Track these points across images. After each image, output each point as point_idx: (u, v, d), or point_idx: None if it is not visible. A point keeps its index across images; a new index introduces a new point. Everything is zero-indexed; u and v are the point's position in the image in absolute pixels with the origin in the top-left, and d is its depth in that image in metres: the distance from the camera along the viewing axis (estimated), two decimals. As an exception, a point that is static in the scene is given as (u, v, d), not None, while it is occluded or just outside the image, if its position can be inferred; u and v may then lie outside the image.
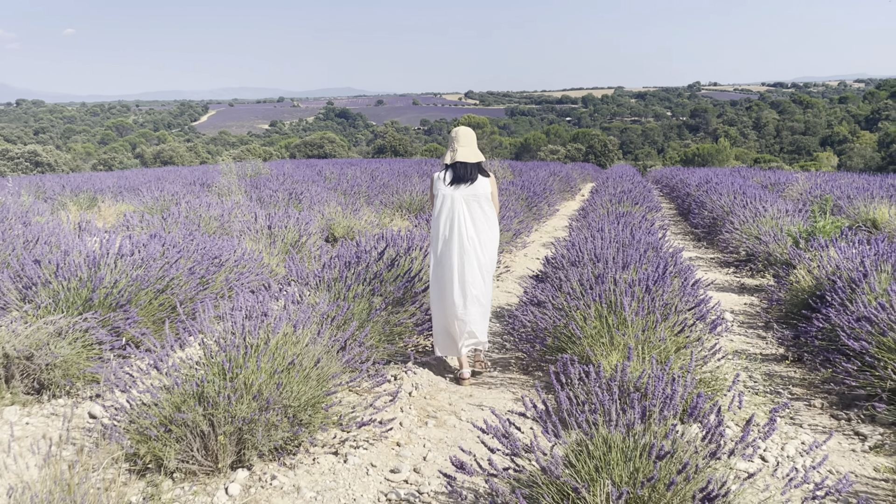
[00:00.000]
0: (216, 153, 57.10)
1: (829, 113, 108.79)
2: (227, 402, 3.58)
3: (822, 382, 4.95)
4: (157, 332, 5.31)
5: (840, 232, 7.36)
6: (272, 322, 4.09)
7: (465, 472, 2.88)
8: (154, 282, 5.59)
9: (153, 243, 6.30)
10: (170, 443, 3.54)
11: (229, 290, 6.43)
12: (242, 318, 4.14)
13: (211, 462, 3.59)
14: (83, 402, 4.52)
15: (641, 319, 4.37)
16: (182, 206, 10.14)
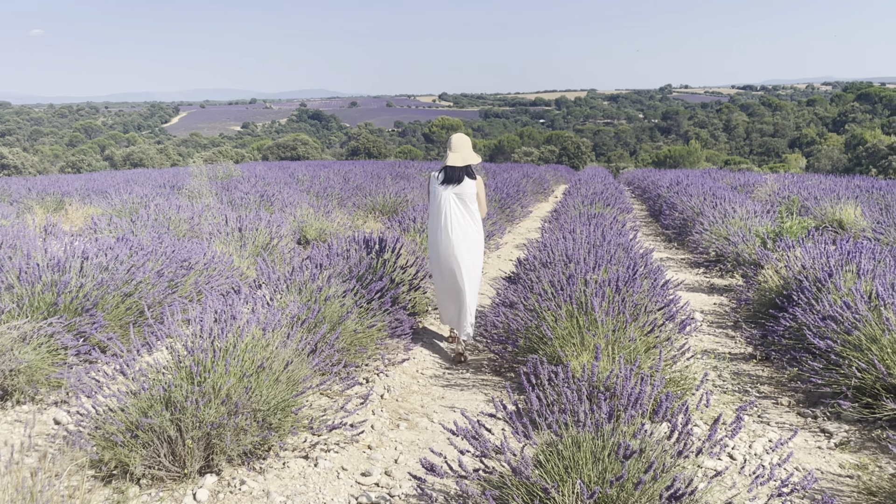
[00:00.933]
0: (187, 155, 56.53)
1: (797, 115, 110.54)
2: (195, 407, 3.53)
3: (789, 381, 5.02)
4: (124, 337, 5.23)
5: (807, 232, 7.47)
6: (241, 325, 4.05)
7: (436, 474, 2.88)
8: (121, 285, 5.51)
9: (120, 246, 6.21)
10: (136, 448, 3.48)
11: (198, 293, 6.36)
12: (211, 322, 4.09)
13: (178, 467, 3.54)
14: (48, 408, 4.44)
15: (611, 320, 4.40)
16: (151, 209, 10.01)
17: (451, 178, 5.63)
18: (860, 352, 4.35)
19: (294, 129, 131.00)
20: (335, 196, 14.09)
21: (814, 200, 12.16)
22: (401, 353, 5.40)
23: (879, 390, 4.15)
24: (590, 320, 4.49)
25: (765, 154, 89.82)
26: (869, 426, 4.22)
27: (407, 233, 8.19)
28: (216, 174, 20.13)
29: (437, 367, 5.50)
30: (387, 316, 5.35)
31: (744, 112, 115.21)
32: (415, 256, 6.85)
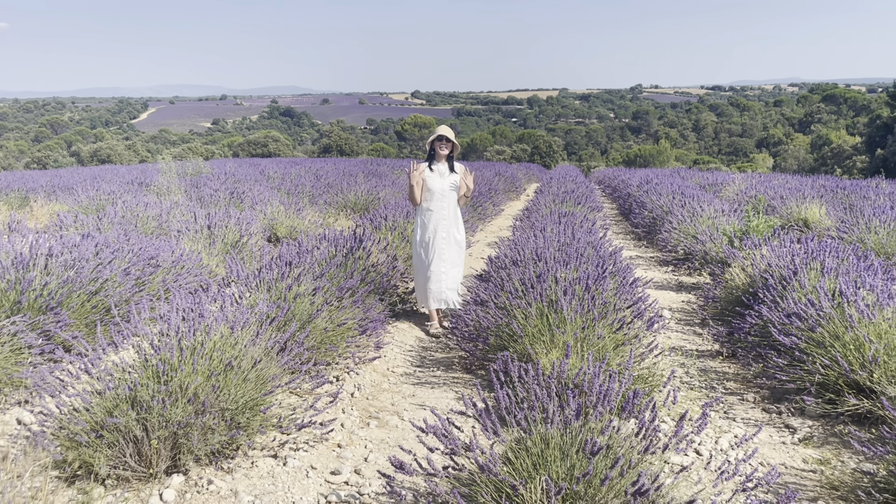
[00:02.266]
0: (156, 152, 55.82)
1: (764, 116, 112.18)
2: (162, 406, 3.49)
3: (755, 377, 5.10)
4: (89, 336, 5.15)
5: (773, 231, 7.59)
6: (209, 323, 4.01)
7: (405, 472, 2.88)
8: (87, 283, 5.43)
9: (86, 244, 6.12)
10: (101, 448, 3.44)
11: (166, 291, 6.29)
12: (178, 320, 4.04)
13: (144, 467, 3.50)
14: (10, 409, 4.36)
15: (581, 317, 4.43)
16: (119, 206, 9.87)
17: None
18: (823, 348, 4.43)
19: (265, 125, 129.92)
20: (306, 194, 14.01)
21: (780, 200, 12.36)
22: (371, 352, 5.38)
23: (842, 386, 4.23)
24: (559, 318, 4.52)
25: (733, 154, 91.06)
26: (832, 421, 4.30)
27: (378, 230, 8.17)
28: (185, 171, 19.91)
29: (407, 365, 5.50)
30: (358, 314, 5.34)
31: (712, 112, 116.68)
32: (386, 254, 6.84)
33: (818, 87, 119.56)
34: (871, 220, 9.08)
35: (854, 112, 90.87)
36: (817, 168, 55.44)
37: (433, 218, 6.34)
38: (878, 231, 8.73)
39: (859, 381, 4.15)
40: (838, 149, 59.80)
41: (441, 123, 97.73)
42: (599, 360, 4.03)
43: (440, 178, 6.38)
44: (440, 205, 6.36)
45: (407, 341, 6.09)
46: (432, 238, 6.34)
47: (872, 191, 14.05)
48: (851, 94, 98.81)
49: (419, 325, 6.57)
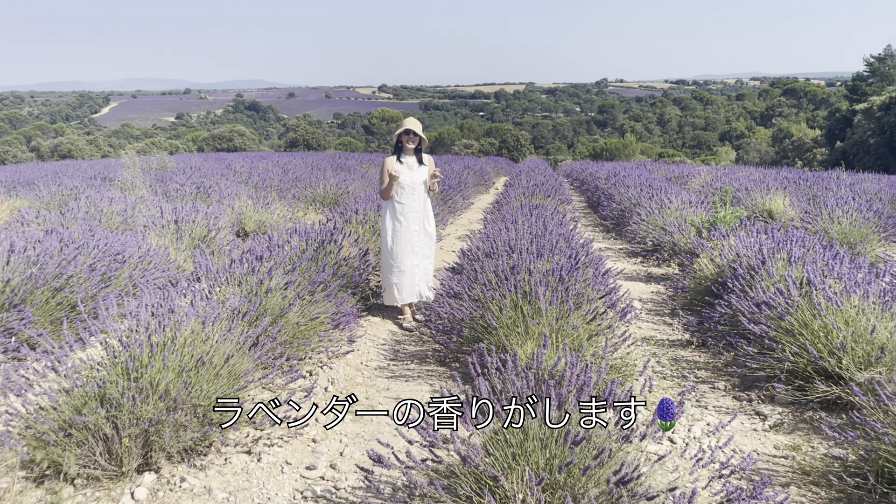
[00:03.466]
0: (119, 146, 54.88)
1: (727, 109, 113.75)
2: (132, 404, 3.42)
3: (725, 366, 5.16)
4: (55, 333, 5.03)
5: (739, 222, 7.69)
6: (179, 318, 3.94)
7: (383, 465, 2.85)
8: (51, 280, 5.31)
9: (50, 239, 5.98)
10: (70, 447, 3.36)
11: (134, 287, 6.17)
12: (147, 316, 3.96)
13: (115, 466, 3.42)
14: (-27, 409, 4.24)
15: (555, 308, 4.44)
16: (82, 201, 9.66)
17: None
18: (792, 336, 4.50)
19: (230, 120, 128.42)
20: (274, 188, 13.87)
21: (745, 191, 12.54)
22: (344, 346, 5.34)
23: (811, 373, 4.30)
24: (534, 309, 4.52)
25: (697, 147, 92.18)
26: (801, 408, 4.37)
27: (349, 224, 8.11)
28: (150, 166, 19.58)
29: (381, 359, 5.47)
30: (330, 308, 5.29)
31: (676, 106, 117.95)
32: (357, 248, 6.79)
33: (779, 82, 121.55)
34: (833, 211, 9.26)
35: (814, 105, 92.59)
36: (779, 160, 56.42)
37: (404, 211, 6.30)
38: (840, 221, 8.90)
39: (828, 368, 4.21)
40: (799, 141, 60.89)
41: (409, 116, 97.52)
42: (575, 351, 4.04)
43: (409, 171, 6.34)
44: (411, 197, 6.32)
45: (380, 335, 6.06)
46: (404, 231, 6.31)
47: (834, 182, 14.33)
48: (811, 88, 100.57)
49: (392, 318, 6.54)
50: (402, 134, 6.33)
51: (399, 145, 6.36)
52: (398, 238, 6.35)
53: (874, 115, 42.30)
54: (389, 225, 6.37)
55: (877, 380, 3.62)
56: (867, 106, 43.49)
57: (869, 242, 8.70)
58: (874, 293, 4.51)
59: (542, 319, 4.43)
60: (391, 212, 6.38)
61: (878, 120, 41.61)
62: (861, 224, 8.90)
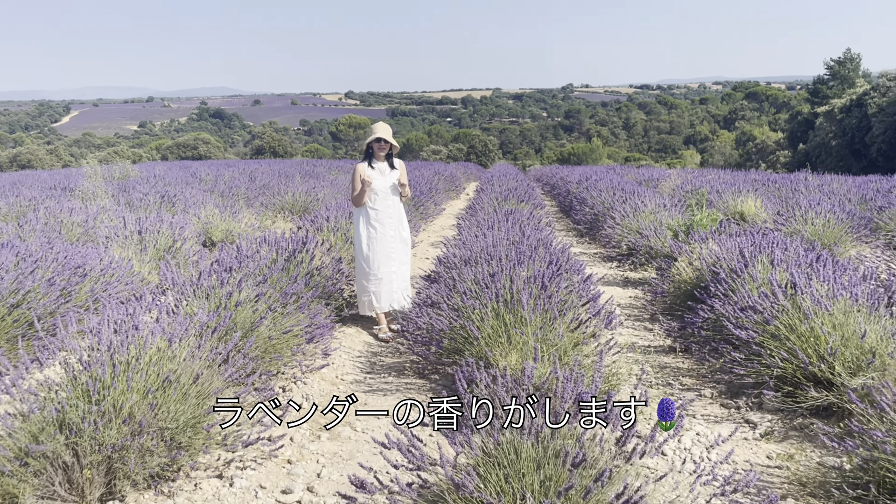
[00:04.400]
0: (80, 156, 53.84)
1: (691, 113, 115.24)
2: (94, 429, 3.19)
3: (710, 372, 5.06)
4: (11, 352, 4.75)
5: (718, 224, 7.63)
6: (144, 336, 3.71)
7: (366, 490, 2.67)
8: (7, 296, 5.03)
9: (5, 253, 5.69)
10: (27, 478, 3.12)
11: (95, 301, 5.90)
12: (110, 333, 3.73)
13: (76, 496, 3.19)
14: (-79, 436, 3.96)
15: (539, 317, 4.29)
16: (41, 212, 9.31)
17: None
18: (779, 341, 4.39)
19: (194, 127, 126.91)
20: (241, 196, 13.57)
21: (716, 194, 12.55)
22: (319, 359, 5.13)
23: (800, 379, 4.20)
24: (517, 318, 4.36)
25: (662, 151, 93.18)
26: (790, 415, 4.26)
27: (320, 231, 7.90)
28: (112, 175, 19.10)
29: (357, 372, 5.27)
30: (303, 320, 5.08)
31: (641, 110, 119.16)
32: (330, 256, 6.58)
33: (741, 86, 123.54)
34: (806, 212, 9.26)
35: (775, 109, 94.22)
36: (743, 163, 57.19)
37: (379, 217, 6.13)
38: (814, 223, 8.90)
39: (818, 374, 4.12)
40: (762, 144, 61.86)
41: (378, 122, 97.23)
42: (562, 362, 3.89)
43: (381, 176, 6.18)
44: (385, 203, 6.16)
45: (355, 347, 5.86)
46: (380, 238, 6.13)
47: (802, 184, 14.43)
48: (772, 92, 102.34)
49: (367, 329, 6.34)
50: (373, 142, 6.16)
51: (370, 151, 6.18)
52: (374, 245, 6.18)
53: (835, 117, 43.09)
54: (364, 232, 6.19)
55: (873, 385, 3.52)
56: (828, 108, 44.30)
57: (843, 243, 8.71)
58: (861, 295, 4.43)
59: (525, 329, 4.27)
60: (365, 218, 6.21)
61: (839, 122, 42.39)
62: (834, 225, 8.91)
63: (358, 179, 6.09)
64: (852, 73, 50.00)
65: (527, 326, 4.27)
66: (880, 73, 40.69)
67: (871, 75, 50.24)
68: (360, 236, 6.20)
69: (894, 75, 39.55)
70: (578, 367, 4.07)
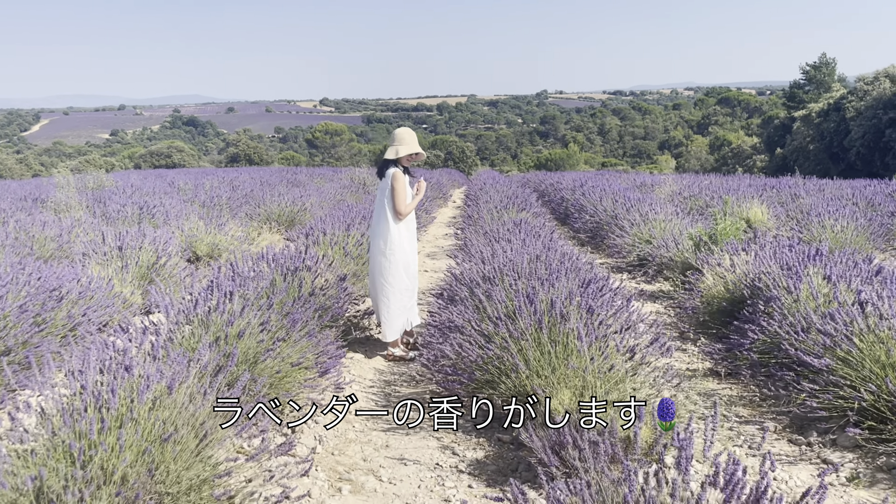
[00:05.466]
0: (51, 165, 52.64)
1: (665, 119, 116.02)
2: (79, 500, 2.61)
3: (763, 399, 4.58)
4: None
5: (741, 234, 7.18)
6: (138, 379, 3.13)
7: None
8: (-28, 326, 4.41)
9: (-30, 276, 5.06)
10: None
11: (73, 329, 5.28)
12: (95, 376, 3.15)
13: (58, 585, 2.60)
14: None
15: (592, 347, 3.76)
16: (11, 226, 8.63)
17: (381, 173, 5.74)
18: (852, 368, 3.92)
19: (168, 136, 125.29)
20: (224, 206, 12.92)
21: (719, 200, 12.15)
22: (330, 392, 4.55)
23: (886, 413, 3.71)
24: (564, 348, 3.84)
25: (637, 156, 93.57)
26: (870, 453, 3.78)
27: (317, 245, 7.32)
28: (86, 185, 18.31)
29: (371, 403, 4.71)
30: (311, 347, 4.51)
31: (616, 116, 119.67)
32: (333, 274, 6.02)
33: (713, 91, 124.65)
34: (823, 218, 8.86)
35: (747, 114, 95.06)
36: (719, 168, 57.38)
37: (411, 227, 5.78)
38: (833, 229, 8.50)
39: (905, 406, 3.64)
40: (738, 149, 62.18)
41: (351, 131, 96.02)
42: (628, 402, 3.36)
43: (410, 188, 5.76)
44: (412, 215, 5.81)
45: (365, 375, 5.29)
46: (411, 252, 5.74)
47: (802, 188, 14.11)
48: (744, 97, 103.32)
49: (375, 353, 5.78)
50: (410, 155, 5.71)
51: (394, 163, 5.66)
52: (413, 257, 5.77)
53: (813, 121, 43.23)
54: (406, 245, 5.64)
55: None
56: (806, 113, 44.43)
57: (864, 251, 8.31)
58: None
59: (575, 360, 3.74)
60: (405, 230, 5.66)
61: (817, 126, 42.52)
62: (853, 232, 8.52)
63: (404, 189, 5.57)
64: (828, 78, 50.29)
65: (575, 356, 3.74)
66: (857, 77, 40.89)
67: (847, 80, 50.62)
68: (401, 249, 5.60)
69: (871, 79, 39.77)
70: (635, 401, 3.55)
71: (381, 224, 5.60)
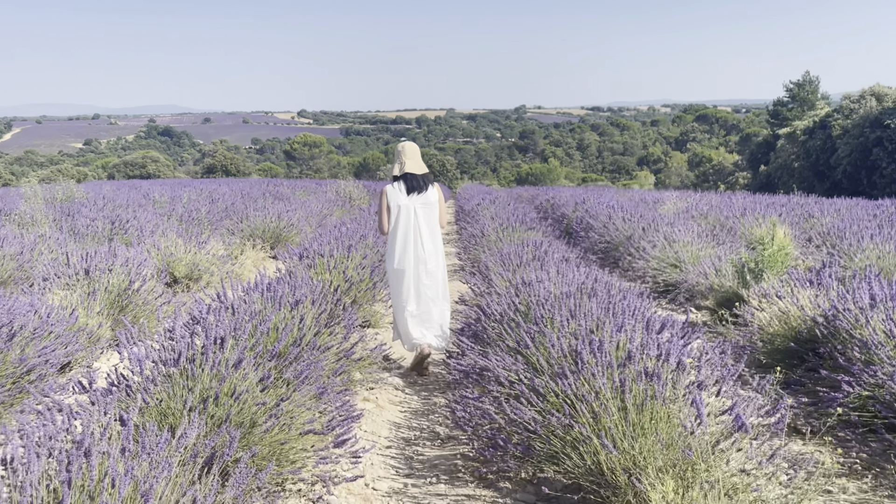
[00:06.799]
0: (22, 175, 51.23)
1: (643, 135, 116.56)
2: None
3: (867, 468, 3.80)
4: None
5: (790, 261, 6.43)
6: (100, 471, 2.25)
7: None
8: None
9: None
10: None
11: (28, 373, 4.37)
12: (40, 468, 2.27)
13: None
14: None
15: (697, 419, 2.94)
16: (-37, 243, 7.66)
17: (415, 187, 5.59)
18: None
19: (143, 146, 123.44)
20: (204, 220, 11.98)
21: (735, 219, 11.46)
22: (346, 462, 3.66)
23: None
24: (652, 412, 3.01)
25: (616, 171, 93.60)
26: None
27: (313, 269, 6.45)
28: (55, 196, 17.23)
29: (393, 474, 3.84)
30: (316, 403, 3.64)
31: (594, 132, 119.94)
32: (340, 306, 5.15)
33: (691, 108, 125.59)
34: (862, 241, 8.15)
35: (725, 131, 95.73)
36: (700, 184, 57.29)
37: None
38: (882, 255, 7.77)
39: None
40: (719, 166, 62.27)
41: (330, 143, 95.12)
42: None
43: None
44: None
45: (380, 432, 4.41)
46: None
47: (815, 206, 13.47)
48: (722, 114, 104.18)
49: (387, 402, 4.91)
50: None
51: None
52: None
53: (798, 139, 43.04)
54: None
55: None
56: (790, 130, 44.27)
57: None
58: None
59: (666, 428, 2.92)
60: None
61: (802, 144, 42.32)
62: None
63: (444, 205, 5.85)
64: (811, 96, 50.34)
65: (666, 423, 2.92)
66: (843, 95, 40.79)
67: (830, 98, 50.67)
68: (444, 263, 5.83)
69: (857, 97, 39.70)
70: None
71: (438, 238, 5.70)
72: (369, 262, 6.82)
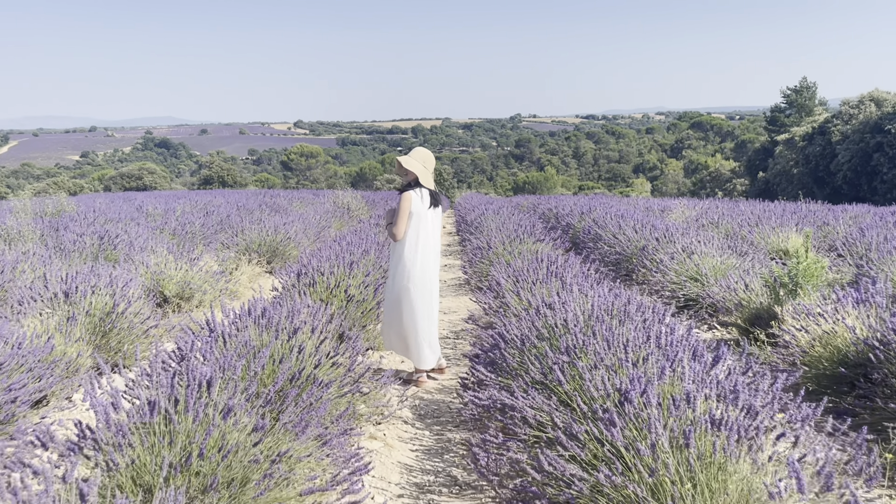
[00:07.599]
0: (17, 187, 50.85)
1: (639, 142, 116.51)
2: None
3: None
4: None
5: (825, 274, 5.96)
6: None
7: None
8: None
9: None
10: None
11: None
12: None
13: None
14: None
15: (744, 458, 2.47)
16: (-62, 262, 7.17)
17: (438, 201, 5.49)
18: None
19: (139, 157, 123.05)
20: (198, 234, 11.50)
21: (749, 228, 11.01)
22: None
23: None
24: (719, 466, 2.54)
25: (612, 179, 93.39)
26: None
27: (312, 287, 5.97)
28: (45, 210, 16.73)
29: (406, 529, 3.36)
30: (321, 452, 3.16)
31: (590, 140, 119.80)
32: (341, 331, 4.67)
33: (685, 115, 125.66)
34: (894, 253, 7.70)
35: (720, 138, 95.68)
36: (697, 191, 56.98)
37: None
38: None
39: None
40: (716, 173, 61.91)
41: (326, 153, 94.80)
42: None
43: None
44: None
45: (391, 476, 3.91)
46: None
47: (830, 214, 13.02)
48: (716, 121, 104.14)
49: (396, 437, 4.42)
50: None
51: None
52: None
53: (796, 145, 42.69)
54: None
55: None
56: (789, 136, 43.94)
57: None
58: None
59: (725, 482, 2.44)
60: None
61: (801, 150, 41.95)
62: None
63: None
64: (809, 102, 50.06)
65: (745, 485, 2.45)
66: (842, 101, 40.45)
67: (828, 103, 50.39)
68: None
69: (856, 103, 39.38)
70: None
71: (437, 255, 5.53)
72: (372, 280, 6.35)
